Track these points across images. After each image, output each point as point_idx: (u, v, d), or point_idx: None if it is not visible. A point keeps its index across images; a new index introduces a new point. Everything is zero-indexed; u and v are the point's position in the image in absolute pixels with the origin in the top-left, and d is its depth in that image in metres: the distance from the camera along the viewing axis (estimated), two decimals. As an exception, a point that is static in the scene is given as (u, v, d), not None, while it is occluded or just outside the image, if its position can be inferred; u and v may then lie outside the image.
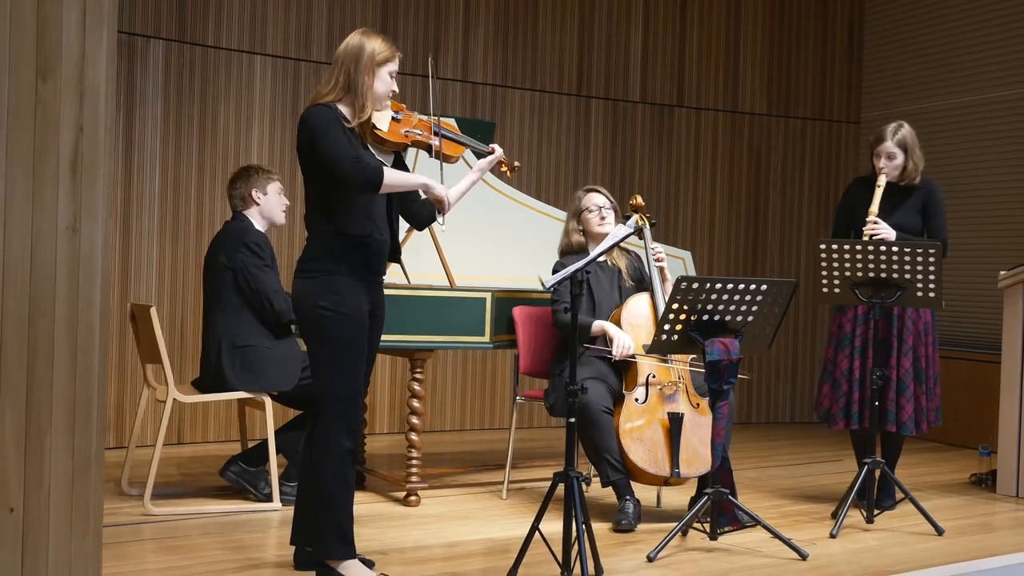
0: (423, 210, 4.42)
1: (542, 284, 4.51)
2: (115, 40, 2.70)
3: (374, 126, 4.18)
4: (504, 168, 4.55)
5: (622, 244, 5.78)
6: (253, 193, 5.64)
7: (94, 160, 2.62)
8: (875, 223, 5.59)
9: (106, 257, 2.68)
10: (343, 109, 4.14)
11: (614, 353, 5.35)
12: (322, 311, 4.08)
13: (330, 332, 4.10)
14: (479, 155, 4.51)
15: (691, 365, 5.47)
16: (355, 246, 4.11)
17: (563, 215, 6.79)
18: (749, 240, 9.41)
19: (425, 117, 4.36)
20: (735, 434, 8.38)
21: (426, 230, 5.89)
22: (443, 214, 4.27)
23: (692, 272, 6.95)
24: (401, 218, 4.43)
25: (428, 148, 4.32)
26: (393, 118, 4.26)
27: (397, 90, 4.25)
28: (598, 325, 5.49)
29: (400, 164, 4.35)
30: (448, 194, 4.23)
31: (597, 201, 5.70)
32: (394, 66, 4.20)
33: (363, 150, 4.14)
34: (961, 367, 8.08)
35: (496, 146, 4.50)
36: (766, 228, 9.46)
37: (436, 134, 4.31)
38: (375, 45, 4.14)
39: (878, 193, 5.66)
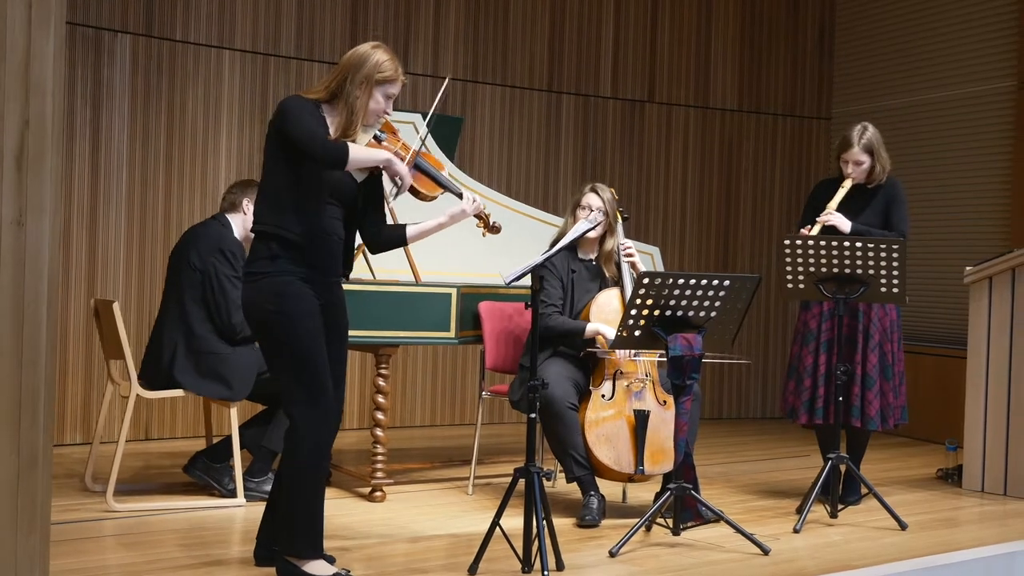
0: (380, 237, 4.32)
1: (502, 279, 4.50)
2: (63, 34, 2.68)
3: (353, 142, 4.05)
4: (480, 225, 4.42)
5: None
6: (244, 203, 5.59)
7: (41, 154, 2.60)
8: (828, 215, 5.63)
9: (54, 251, 2.66)
10: (327, 113, 4.08)
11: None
12: (267, 313, 4.01)
13: (278, 334, 4.03)
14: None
15: (659, 361, 5.47)
16: (292, 245, 4.00)
17: (532, 211, 6.83)
18: (720, 236, 9.43)
19: (410, 145, 4.21)
20: (704, 429, 8.39)
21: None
22: (399, 191, 4.13)
23: (661, 267, 6.95)
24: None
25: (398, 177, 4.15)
26: (375, 136, 4.14)
27: (390, 112, 4.13)
28: (592, 328, 5.41)
29: (378, 185, 4.25)
30: (410, 176, 4.12)
31: (592, 202, 5.59)
32: (394, 89, 4.09)
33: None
34: (929, 362, 8.12)
35: (473, 196, 4.36)
36: (737, 224, 9.48)
37: (415, 166, 4.17)
38: (381, 60, 4.04)
39: (841, 193, 5.71)
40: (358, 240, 4.33)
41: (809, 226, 5.68)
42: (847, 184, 5.74)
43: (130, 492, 5.61)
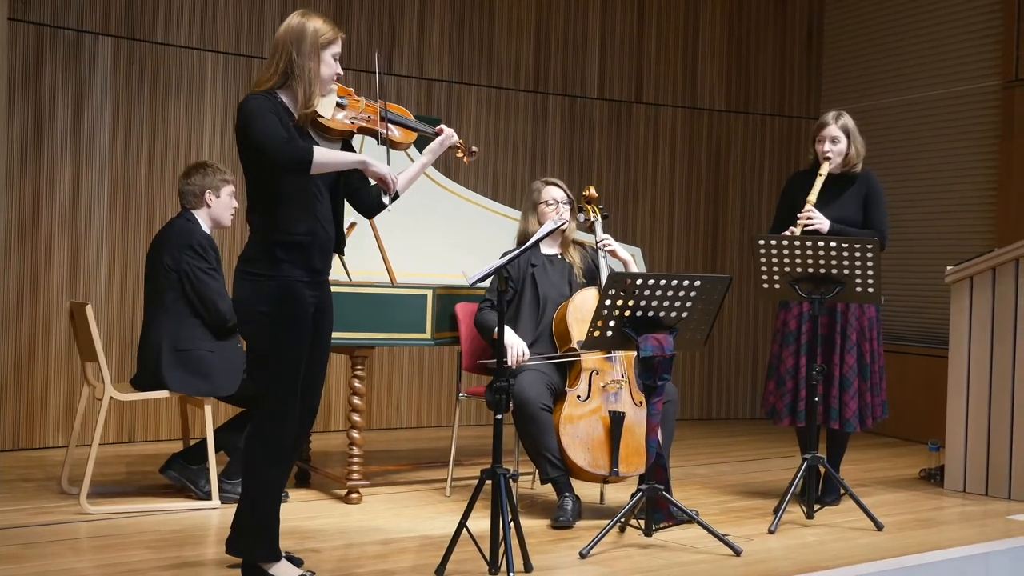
0: (370, 196, 4.25)
1: (466, 279, 4.48)
2: (5, 37, 2.67)
3: (316, 114, 4.00)
4: (460, 154, 4.38)
5: (576, 238, 5.81)
6: (207, 195, 5.58)
7: (-19, 156, 2.59)
8: (809, 214, 5.61)
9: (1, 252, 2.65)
10: (285, 97, 4.02)
11: (509, 361, 5.32)
12: (262, 315, 3.98)
13: (270, 337, 3.99)
14: (428, 142, 4.33)
15: (635, 362, 5.45)
16: (295, 246, 3.97)
17: (514, 212, 6.79)
18: (708, 236, 9.41)
19: (373, 102, 4.16)
20: (692, 430, 8.43)
21: (367, 222, 5.84)
22: (389, 195, 4.07)
23: (643, 268, 6.93)
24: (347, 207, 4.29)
25: (375, 135, 4.13)
26: (337, 103, 4.08)
27: (341, 72, 4.09)
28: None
29: (350, 149, 4.17)
30: (392, 173, 4.03)
31: (555, 195, 5.68)
32: (337, 48, 4.05)
33: (303, 136, 4.00)
34: (914, 362, 8.09)
35: (445, 127, 4.32)
36: (725, 224, 9.46)
37: (383, 119, 4.12)
38: (317, 26, 4.00)
39: (819, 182, 5.69)
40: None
41: (793, 227, 5.65)
42: (824, 171, 5.71)
43: (106, 495, 5.61)
